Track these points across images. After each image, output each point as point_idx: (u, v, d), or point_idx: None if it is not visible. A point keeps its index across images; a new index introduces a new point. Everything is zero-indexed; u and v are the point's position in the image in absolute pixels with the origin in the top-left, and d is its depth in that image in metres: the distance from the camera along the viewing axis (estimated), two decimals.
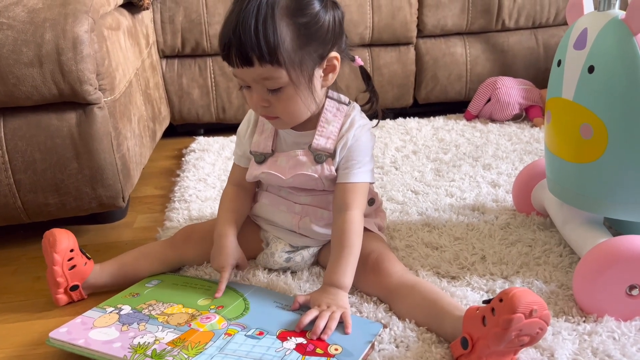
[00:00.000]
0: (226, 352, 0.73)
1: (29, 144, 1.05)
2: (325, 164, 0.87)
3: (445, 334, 0.74)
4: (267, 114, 0.85)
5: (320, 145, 0.88)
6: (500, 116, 1.78)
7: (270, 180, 0.92)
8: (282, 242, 0.95)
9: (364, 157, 0.88)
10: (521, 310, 0.62)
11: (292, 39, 0.77)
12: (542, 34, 1.96)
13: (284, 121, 0.86)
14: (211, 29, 1.77)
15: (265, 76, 0.78)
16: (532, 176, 1.09)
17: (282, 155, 0.90)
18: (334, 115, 0.88)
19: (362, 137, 0.88)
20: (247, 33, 0.75)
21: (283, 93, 0.81)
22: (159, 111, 1.64)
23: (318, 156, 0.87)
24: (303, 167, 0.88)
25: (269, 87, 0.80)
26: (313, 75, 0.82)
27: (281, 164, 0.90)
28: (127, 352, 0.73)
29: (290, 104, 0.82)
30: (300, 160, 0.88)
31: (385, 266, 0.86)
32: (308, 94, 0.83)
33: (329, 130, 0.88)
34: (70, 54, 1.00)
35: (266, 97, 0.82)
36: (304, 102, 0.83)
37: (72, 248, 0.91)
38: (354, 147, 0.87)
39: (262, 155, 0.91)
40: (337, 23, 0.82)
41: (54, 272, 0.89)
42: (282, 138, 0.92)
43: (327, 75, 0.85)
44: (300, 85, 0.80)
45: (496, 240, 1.01)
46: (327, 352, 0.72)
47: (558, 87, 0.88)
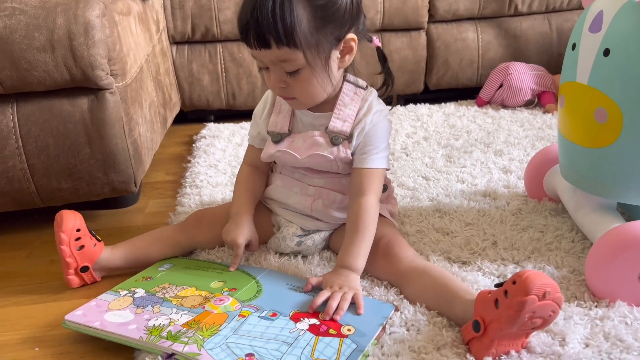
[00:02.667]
0: (240, 333, 0.73)
1: (42, 129, 1.06)
2: (341, 146, 0.88)
3: (456, 318, 0.74)
4: (285, 95, 0.86)
5: (336, 128, 0.88)
6: (512, 102, 1.77)
7: (285, 160, 0.92)
8: (293, 225, 0.95)
9: (381, 143, 0.88)
10: (534, 292, 0.62)
11: (308, 21, 0.78)
12: (555, 18, 1.93)
13: (301, 102, 0.87)
14: (221, 15, 1.77)
15: (282, 58, 0.80)
16: (544, 162, 1.08)
17: (299, 136, 0.91)
18: (351, 98, 0.89)
19: (380, 122, 0.89)
20: (264, 15, 0.76)
21: (300, 75, 0.82)
22: (169, 97, 1.64)
23: (334, 138, 0.88)
24: (319, 148, 0.89)
25: (286, 69, 0.82)
26: (330, 57, 0.83)
27: (297, 144, 0.91)
28: (143, 333, 0.74)
29: (307, 85, 0.83)
30: (316, 140, 0.89)
31: (395, 251, 0.86)
32: (324, 76, 0.84)
33: (345, 113, 0.88)
34: (82, 39, 1.00)
35: (284, 79, 0.83)
36: (321, 84, 0.84)
37: (78, 227, 0.91)
38: (372, 133, 0.88)
39: (278, 135, 0.92)
40: (355, 4, 0.83)
41: (62, 252, 0.90)
42: (299, 119, 0.93)
43: (344, 57, 0.85)
44: (316, 67, 0.82)
45: (507, 226, 1.01)
46: (341, 333, 0.73)
47: (572, 71, 0.87)
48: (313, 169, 0.93)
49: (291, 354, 0.69)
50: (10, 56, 0.99)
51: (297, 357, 0.69)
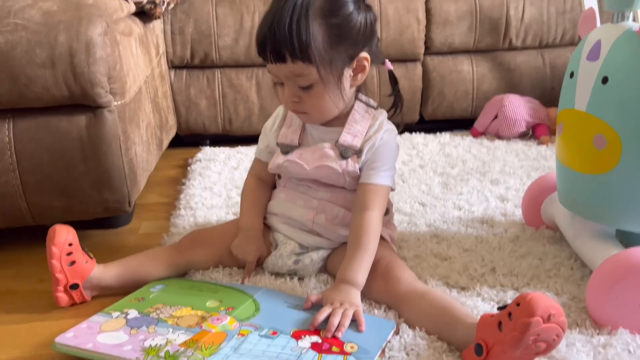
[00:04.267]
0: (241, 352, 0.71)
1: (38, 145, 1.05)
2: (350, 160, 0.89)
3: (456, 342, 0.73)
4: (297, 109, 0.88)
5: (347, 142, 0.89)
6: (506, 133, 1.79)
7: (292, 171, 0.93)
8: (292, 242, 0.95)
9: (389, 161, 0.90)
10: (539, 313, 0.61)
11: (323, 38, 0.81)
12: (548, 54, 1.97)
13: (312, 116, 0.89)
14: (220, 41, 1.78)
15: (296, 73, 0.82)
16: (542, 189, 1.08)
17: (308, 149, 0.92)
18: (362, 116, 0.91)
19: (390, 141, 0.91)
20: (281, 31, 0.79)
21: (313, 90, 0.84)
22: (166, 120, 1.64)
23: (344, 151, 0.89)
24: (328, 160, 0.89)
25: (299, 84, 0.84)
26: (342, 74, 0.85)
27: (306, 155, 0.91)
28: (140, 354, 0.71)
29: (319, 101, 0.85)
30: (326, 152, 0.90)
31: (394, 273, 0.85)
32: (336, 92, 0.85)
33: (356, 129, 0.90)
34: (83, 56, 1.00)
35: (297, 93, 0.85)
36: (332, 100, 0.86)
37: (70, 242, 0.89)
38: (381, 150, 0.89)
39: (288, 147, 0.94)
40: (369, 25, 0.86)
41: (52, 267, 0.88)
42: (309, 133, 0.94)
43: (357, 75, 0.87)
44: (329, 83, 0.84)
45: (506, 253, 1.00)
46: (344, 350, 0.71)
47: (570, 99, 0.88)
48: (319, 182, 0.93)
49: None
50: (10, 71, 0.98)
51: None
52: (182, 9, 1.76)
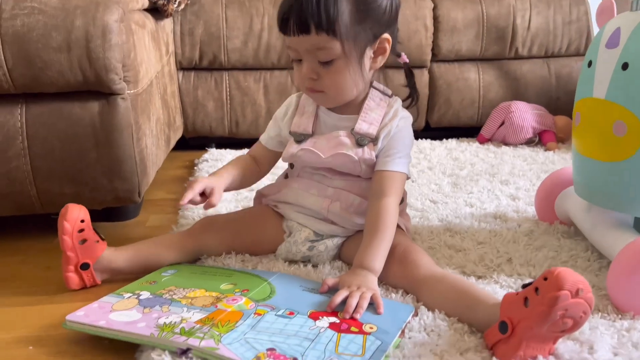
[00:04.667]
0: (258, 329, 0.70)
1: (50, 131, 1.04)
2: (366, 148, 0.88)
3: (478, 324, 0.71)
4: (314, 87, 0.86)
5: (362, 130, 0.89)
6: (513, 140, 1.79)
7: (307, 159, 0.92)
8: (306, 230, 0.93)
9: (405, 148, 0.89)
10: (568, 287, 0.60)
11: (350, 13, 0.81)
12: (554, 63, 1.99)
13: (329, 96, 0.87)
14: (229, 43, 1.79)
15: (319, 46, 0.81)
16: (555, 184, 1.08)
17: (322, 137, 0.91)
18: (377, 104, 0.90)
19: (406, 128, 0.90)
20: (308, 1, 0.79)
21: (333, 66, 0.83)
22: (173, 119, 1.64)
23: (360, 139, 0.88)
24: (344, 148, 0.88)
25: (320, 59, 0.83)
26: (364, 53, 0.84)
27: (321, 144, 0.90)
28: (154, 330, 0.70)
29: (339, 78, 0.84)
30: (342, 140, 0.89)
31: (412, 258, 0.84)
32: (357, 71, 0.85)
33: (371, 117, 0.89)
34: (99, 41, 1.00)
35: (316, 69, 0.84)
36: (352, 78, 0.85)
37: (82, 219, 0.88)
38: (397, 137, 0.88)
39: (301, 136, 0.92)
40: (394, 7, 0.86)
41: (64, 243, 0.87)
42: (322, 121, 0.93)
43: (377, 58, 0.87)
44: (351, 59, 0.83)
45: (521, 245, 0.99)
46: (363, 330, 0.70)
47: (589, 88, 0.88)
48: (334, 171, 0.92)
49: (314, 349, 0.66)
50: (26, 55, 0.98)
51: (321, 351, 0.65)
52: (192, 11, 1.77)
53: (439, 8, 1.90)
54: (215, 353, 0.64)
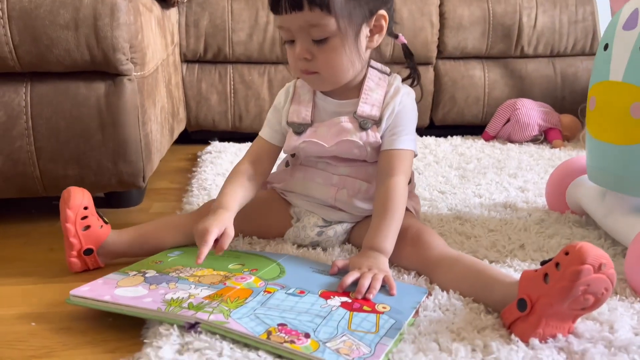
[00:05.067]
0: (269, 306, 0.68)
1: (55, 111, 1.02)
2: (370, 131, 0.85)
3: (495, 303, 0.69)
4: (308, 68, 0.82)
5: (365, 112, 0.86)
6: (519, 137, 1.78)
7: (310, 150, 0.89)
8: (315, 216, 0.91)
9: (411, 124, 0.86)
10: (590, 261, 0.58)
11: None
12: (559, 62, 1.98)
13: (324, 77, 0.83)
14: (235, 36, 1.78)
15: (313, 22, 0.77)
16: (567, 173, 1.06)
17: (322, 125, 0.88)
18: (376, 83, 0.87)
19: (409, 104, 0.87)
20: None
21: (328, 44, 0.79)
22: (177, 111, 1.62)
23: (364, 122, 0.85)
24: (347, 134, 0.85)
25: (314, 37, 0.79)
26: (360, 30, 0.81)
27: (322, 132, 0.87)
28: (161, 305, 0.67)
29: (335, 57, 0.80)
30: (344, 127, 0.86)
31: (425, 239, 0.82)
32: (354, 49, 0.81)
33: (373, 98, 0.86)
34: (107, 19, 0.99)
35: (310, 49, 0.80)
36: (348, 57, 0.81)
37: (86, 205, 0.86)
38: (401, 114, 0.86)
39: (300, 126, 0.88)
40: None
41: (66, 230, 0.84)
42: (321, 108, 0.90)
43: (373, 37, 0.84)
44: (347, 37, 0.79)
45: (532, 233, 0.97)
46: (375, 309, 0.68)
47: (605, 71, 0.87)
48: (339, 158, 0.89)
49: (326, 325, 0.64)
50: (32, 31, 0.96)
51: (334, 328, 0.63)
52: (197, 2, 1.76)
53: (445, 5, 1.89)
54: (225, 327, 0.62)
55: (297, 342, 0.60)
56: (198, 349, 0.61)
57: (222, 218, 0.80)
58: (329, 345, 0.60)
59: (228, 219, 0.81)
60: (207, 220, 0.79)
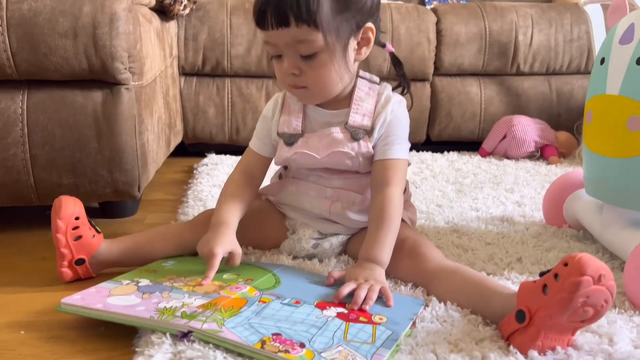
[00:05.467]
0: (263, 315, 0.66)
1: (51, 119, 1.02)
2: (362, 141, 0.85)
3: (493, 315, 0.68)
4: (296, 84, 0.82)
5: (356, 122, 0.85)
6: (515, 153, 1.78)
7: (302, 162, 0.88)
8: (310, 228, 0.90)
9: (403, 134, 0.86)
10: (590, 272, 0.57)
11: (331, 2, 0.76)
12: (555, 80, 2.00)
13: (312, 92, 0.83)
14: (233, 50, 1.79)
15: (300, 38, 0.77)
16: (564, 188, 1.06)
17: (313, 136, 0.87)
18: (366, 93, 0.87)
19: (401, 113, 0.87)
20: None
21: (316, 60, 0.79)
22: (174, 123, 1.62)
23: (355, 132, 0.85)
24: (339, 145, 0.85)
25: (302, 53, 0.78)
26: (348, 44, 0.81)
27: (313, 143, 0.86)
28: (154, 314, 0.66)
29: (323, 72, 0.80)
30: (335, 138, 0.85)
31: (422, 251, 0.81)
32: (342, 63, 0.80)
33: (364, 108, 0.86)
34: (106, 28, 0.99)
35: (298, 64, 0.79)
36: (337, 72, 0.81)
37: (77, 216, 0.84)
38: (393, 123, 0.85)
39: (291, 137, 0.87)
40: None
41: (57, 241, 0.83)
42: (312, 118, 0.89)
43: (361, 49, 0.84)
44: (335, 51, 0.79)
45: (530, 247, 0.97)
46: (372, 321, 0.67)
47: (602, 84, 0.87)
48: (331, 170, 0.88)
49: (322, 335, 0.63)
50: (31, 39, 0.96)
51: (329, 338, 0.62)
52: (197, 16, 1.77)
53: (442, 22, 1.91)
54: (218, 336, 0.61)
55: (292, 352, 0.59)
56: (190, 358, 0.60)
57: (226, 237, 0.81)
58: (325, 355, 0.59)
59: (232, 238, 0.81)
60: (210, 239, 0.80)
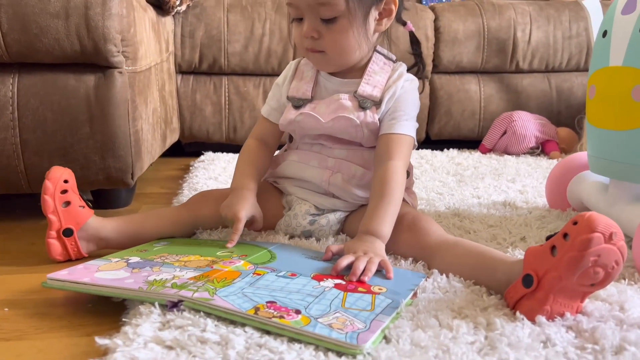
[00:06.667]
0: (257, 286, 0.63)
1: (42, 102, 1.00)
2: (369, 111, 0.83)
3: (498, 284, 0.65)
4: (314, 47, 0.82)
5: (366, 92, 0.84)
6: (516, 149, 1.76)
7: (306, 125, 0.87)
8: (307, 203, 0.88)
9: (412, 111, 0.85)
10: (600, 229, 0.55)
11: None
12: (554, 78, 1.98)
13: (329, 57, 0.83)
14: (230, 47, 1.77)
15: (322, 1, 0.77)
16: (567, 170, 1.04)
17: (322, 102, 0.87)
18: (380, 67, 0.87)
19: (411, 90, 0.86)
20: None
21: (337, 24, 0.79)
22: (170, 119, 1.60)
23: (363, 101, 0.84)
24: (345, 111, 0.84)
25: (323, 16, 0.79)
26: (369, 12, 0.80)
27: (320, 109, 0.86)
28: (143, 285, 0.63)
29: (342, 37, 0.80)
30: (343, 104, 0.84)
31: (422, 225, 0.78)
32: (361, 31, 0.80)
33: (375, 80, 0.85)
34: (99, 9, 0.97)
35: (318, 28, 0.80)
36: (356, 39, 0.81)
37: (66, 179, 0.82)
38: (403, 99, 0.84)
39: (300, 101, 0.87)
40: None
41: (45, 204, 0.80)
42: (323, 85, 0.89)
43: (382, 20, 0.83)
44: (356, 18, 0.79)
45: (533, 229, 0.94)
46: (371, 291, 0.64)
47: (604, 57, 0.85)
48: (334, 138, 0.87)
49: (318, 303, 0.59)
50: (22, 19, 0.95)
51: (326, 306, 0.59)
52: (193, 13, 1.76)
53: (440, 19, 1.90)
54: (210, 304, 0.58)
55: (287, 317, 0.56)
56: (180, 326, 0.57)
57: (248, 201, 0.83)
58: (321, 320, 0.56)
59: (254, 202, 0.84)
60: (234, 203, 0.82)
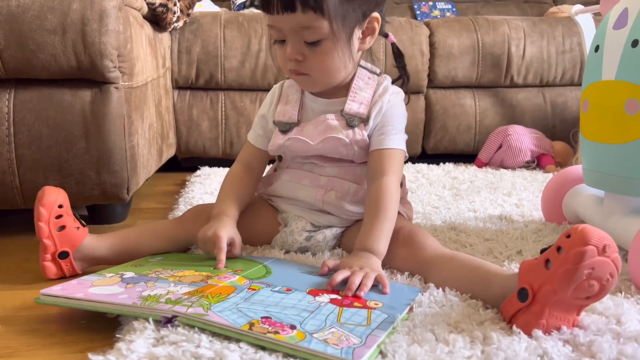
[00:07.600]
0: (252, 301, 0.63)
1: (38, 117, 1.00)
2: (357, 129, 0.83)
3: (494, 298, 0.65)
4: (298, 70, 0.81)
5: (353, 110, 0.84)
6: (511, 163, 1.76)
7: (296, 149, 0.86)
8: (303, 220, 0.87)
9: (400, 124, 0.84)
10: (594, 242, 0.55)
11: None
12: (549, 92, 2.00)
13: (314, 79, 0.82)
14: (227, 63, 1.78)
15: (305, 25, 0.76)
16: (562, 183, 1.04)
17: (309, 124, 0.86)
18: (365, 83, 0.86)
19: (398, 104, 0.85)
20: None
21: (320, 46, 0.78)
22: (167, 134, 1.60)
23: (350, 120, 0.83)
24: (333, 131, 0.83)
25: (307, 39, 0.77)
26: (353, 32, 0.80)
27: (308, 131, 0.85)
28: (137, 300, 0.63)
29: (327, 59, 0.79)
30: (330, 124, 0.84)
31: (418, 239, 0.78)
32: (346, 51, 0.79)
33: (361, 96, 0.85)
34: (95, 25, 0.98)
35: (301, 50, 0.79)
36: (341, 60, 0.80)
37: (61, 204, 0.81)
38: (390, 113, 0.84)
39: (287, 125, 0.87)
40: None
41: (40, 230, 0.80)
42: (309, 108, 0.88)
43: (365, 38, 0.83)
44: (340, 39, 0.78)
45: (529, 242, 0.94)
46: (367, 306, 0.63)
47: (597, 72, 0.86)
48: (325, 158, 0.87)
49: (314, 318, 0.59)
50: (19, 35, 0.95)
51: (322, 321, 0.59)
52: (190, 29, 1.77)
53: (435, 34, 1.91)
54: (204, 319, 0.58)
55: (282, 333, 0.55)
56: (174, 341, 0.56)
57: (227, 225, 0.81)
58: (316, 336, 0.55)
59: (232, 227, 0.83)
60: (212, 226, 0.81)
